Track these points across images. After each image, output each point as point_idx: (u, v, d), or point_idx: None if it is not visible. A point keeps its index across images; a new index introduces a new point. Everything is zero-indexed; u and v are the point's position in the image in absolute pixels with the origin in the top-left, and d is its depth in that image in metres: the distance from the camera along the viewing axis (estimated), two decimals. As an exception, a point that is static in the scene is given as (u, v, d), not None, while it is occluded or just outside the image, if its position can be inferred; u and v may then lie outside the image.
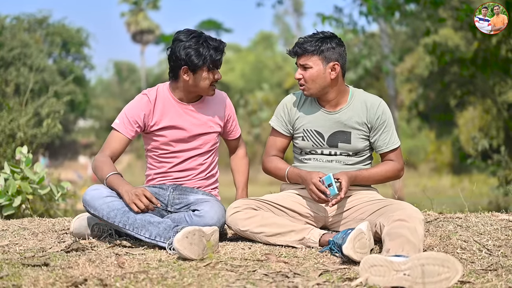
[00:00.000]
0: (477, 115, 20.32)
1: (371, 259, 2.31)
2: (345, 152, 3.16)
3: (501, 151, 9.53)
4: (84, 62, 28.01)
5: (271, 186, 3.58)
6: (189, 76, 3.15)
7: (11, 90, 8.13)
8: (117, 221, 2.93)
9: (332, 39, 3.09)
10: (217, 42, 3.14)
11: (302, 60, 3.09)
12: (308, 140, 3.19)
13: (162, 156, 3.30)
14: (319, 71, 3.07)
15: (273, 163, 3.28)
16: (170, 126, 3.23)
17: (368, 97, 3.18)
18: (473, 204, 4.51)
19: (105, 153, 3.16)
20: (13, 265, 2.55)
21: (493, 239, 2.96)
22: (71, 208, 7.27)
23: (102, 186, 3.06)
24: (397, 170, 3.18)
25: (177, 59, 3.13)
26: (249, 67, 32.31)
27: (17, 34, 17.70)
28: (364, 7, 15.85)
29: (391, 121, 3.18)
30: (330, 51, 3.06)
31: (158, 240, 2.88)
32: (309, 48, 3.06)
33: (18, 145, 6.41)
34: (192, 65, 3.10)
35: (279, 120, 3.29)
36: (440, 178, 22.99)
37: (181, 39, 3.13)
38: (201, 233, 2.71)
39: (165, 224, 2.90)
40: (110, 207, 2.95)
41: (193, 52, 3.09)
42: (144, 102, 3.23)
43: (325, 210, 3.13)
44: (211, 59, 3.10)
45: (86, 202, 3.00)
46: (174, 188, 3.27)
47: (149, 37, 41.34)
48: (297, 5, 41.86)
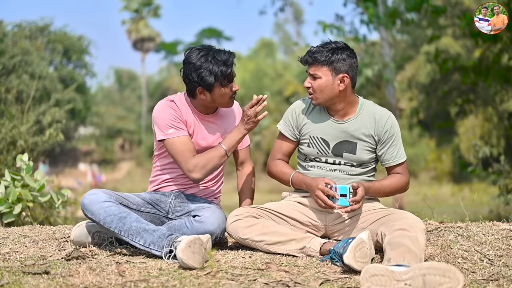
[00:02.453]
0: (478, 123, 20.32)
1: (372, 268, 2.30)
2: (349, 162, 3.15)
3: (500, 160, 9.51)
4: (85, 69, 28.05)
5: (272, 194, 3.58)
6: (206, 95, 3.16)
7: (12, 98, 8.15)
8: (113, 227, 2.94)
9: (343, 50, 3.07)
10: (226, 55, 3.12)
11: (312, 70, 3.08)
12: (313, 147, 3.19)
13: (172, 163, 3.29)
14: (328, 82, 3.06)
15: (278, 167, 3.27)
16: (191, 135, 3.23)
17: (377, 110, 3.18)
18: (473, 213, 4.50)
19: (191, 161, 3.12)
20: (13, 273, 2.55)
21: (494, 249, 2.96)
22: (71, 216, 7.27)
23: (100, 191, 3.07)
24: (405, 183, 3.18)
25: (191, 82, 3.14)
26: (249, 75, 32.34)
27: (19, 41, 17.71)
28: (365, 15, 15.91)
29: (399, 135, 3.18)
30: (340, 63, 3.05)
31: (152, 248, 2.87)
32: (319, 58, 3.05)
33: (19, 152, 6.41)
34: (206, 85, 3.11)
35: (286, 124, 3.29)
36: (441, 186, 22.96)
37: (191, 61, 3.12)
38: (200, 242, 2.71)
39: (160, 232, 2.89)
40: (107, 212, 2.96)
41: (204, 72, 3.08)
42: (172, 106, 3.21)
43: (326, 219, 3.13)
44: (222, 75, 3.09)
45: (84, 206, 3.01)
46: (176, 195, 3.28)
47: (150, 45, 41.45)
48: (297, 13, 42.03)
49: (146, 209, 3.20)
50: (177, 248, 2.67)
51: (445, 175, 24.93)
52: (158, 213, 3.23)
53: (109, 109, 38.64)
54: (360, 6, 16.14)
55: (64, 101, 16.85)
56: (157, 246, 2.86)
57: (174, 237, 2.83)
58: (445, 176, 24.85)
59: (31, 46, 19.27)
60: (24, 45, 18.02)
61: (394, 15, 15.37)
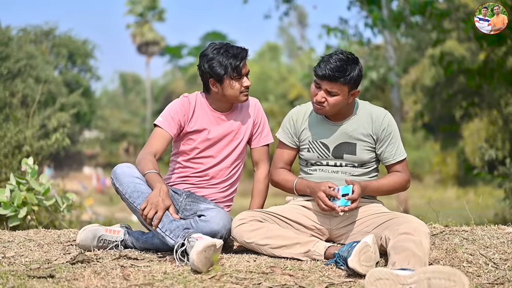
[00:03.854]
0: (483, 126, 20.28)
1: (376, 272, 2.30)
2: (350, 164, 3.16)
3: (506, 163, 9.48)
4: (90, 73, 28.13)
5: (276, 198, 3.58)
6: (217, 87, 3.25)
7: (17, 102, 8.18)
8: (136, 203, 2.98)
9: (357, 64, 3.04)
10: (238, 49, 3.22)
11: (330, 86, 3.01)
12: (313, 152, 3.19)
13: (188, 161, 3.35)
14: (344, 97, 3.05)
15: (281, 175, 3.28)
16: (202, 130, 3.31)
17: (374, 109, 3.19)
18: (478, 217, 4.49)
19: (148, 150, 3.19)
20: (18, 277, 2.55)
21: (499, 253, 2.95)
22: (76, 219, 7.29)
23: (135, 168, 3.11)
24: (405, 181, 3.18)
25: (204, 73, 3.25)
26: (254, 78, 32.37)
27: (24, 45, 17.77)
28: (369, 19, 15.92)
29: (397, 133, 3.18)
30: (357, 80, 3.04)
31: (167, 235, 2.88)
32: (340, 77, 2.98)
33: (24, 156, 6.43)
34: (216, 76, 3.20)
35: (285, 132, 3.31)
36: (445, 190, 22.91)
37: (205, 54, 3.25)
38: (214, 248, 2.71)
39: (178, 222, 2.92)
40: (136, 188, 3.00)
41: (215, 63, 3.19)
42: (185, 102, 3.33)
43: (331, 223, 3.13)
44: (231, 67, 3.18)
45: (115, 175, 3.07)
46: (188, 195, 3.30)
47: (154, 49, 41.57)
48: (301, 16, 42.06)
49: None
50: (193, 248, 2.66)
51: (450, 178, 24.88)
52: None
53: (113, 113, 38.75)
54: (364, 10, 16.16)
55: (69, 105, 16.89)
56: (173, 234, 2.87)
57: (190, 232, 2.84)
58: (450, 180, 24.80)
59: (36, 50, 19.33)
60: (29, 49, 18.08)
61: (398, 19, 15.38)
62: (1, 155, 6.64)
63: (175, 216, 2.93)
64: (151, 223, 2.90)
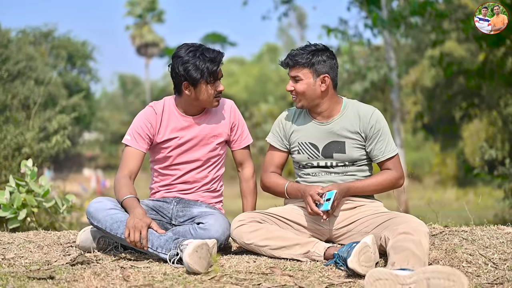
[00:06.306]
0: (482, 127, 20.30)
1: (376, 272, 2.30)
2: (341, 162, 3.15)
3: (505, 163, 9.48)
4: (89, 75, 28.12)
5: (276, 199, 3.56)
6: (191, 91, 3.18)
7: (17, 103, 8.18)
8: (119, 233, 2.95)
9: (323, 52, 3.12)
10: (214, 53, 3.16)
11: (293, 72, 3.13)
12: (303, 153, 3.20)
13: (166, 168, 3.32)
14: (310, 83, 3.10)
15: (271, 179, 3.28)
16: (173, 138, 3.26)
17: (361, 107, 3.19)
18: (478, 217, 4.49)
19: (123, 173, 3.17)
20: (18, 278, 2.56)
21: (499, 253, 2.95)
22: (76, 221, 7.28)
23: (105, 199, 3.10)
24: (395, 179, 3.15)
25: (177, 75, 3.17)
26: (253, 79, 32.39)
27: (23, 47, 17.75)
28: (369, 19, 15.93)
29: (386, 129, 3.17)
30: (321, 64, 3.09)
31: (159, 252, 2.88)
32: (300, 61, 3.09)
33: (24, 158, 6.43)
34: (191, 80, 3.13)
35: (275, 136, 3.32)
36: (445, 191, 22.91)
37: (179, 55, 3.16)
38: (207, 247, 2.71)
39: (166, 236, 2.91)
40: (113, 219, 2.97)
41: (190, 66, 3.11)
42: (150, 114, 3.27)
43: (330, 224, 3.13)
44: (208, 72, 3.12)
45: (90, 214, 3.03)
46: (178, 201, 3.28)
47: (154, 50, 41.57)
48: (300, 17, 42.03)
49: (150, 215, 3.20)
50: (184, 252, 2.68)
51: (450, 179, 24.88)
52: (162, 219, 3.23)
53: (113, 115, 38.73)
54: (364, 10, 16.17)
55: (69, 107, 16.88)
56: (164, 249, 2.86)
57: (180, 241, 2.84)
58: (449, 180, 24.80)
59: (35, 52, 19.33)
60: (29, 51, 18.07)
61: (398, 19, 15.38)
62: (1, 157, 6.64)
63: (161, 231, 2.92)
64: (142, 246, 2.89)
